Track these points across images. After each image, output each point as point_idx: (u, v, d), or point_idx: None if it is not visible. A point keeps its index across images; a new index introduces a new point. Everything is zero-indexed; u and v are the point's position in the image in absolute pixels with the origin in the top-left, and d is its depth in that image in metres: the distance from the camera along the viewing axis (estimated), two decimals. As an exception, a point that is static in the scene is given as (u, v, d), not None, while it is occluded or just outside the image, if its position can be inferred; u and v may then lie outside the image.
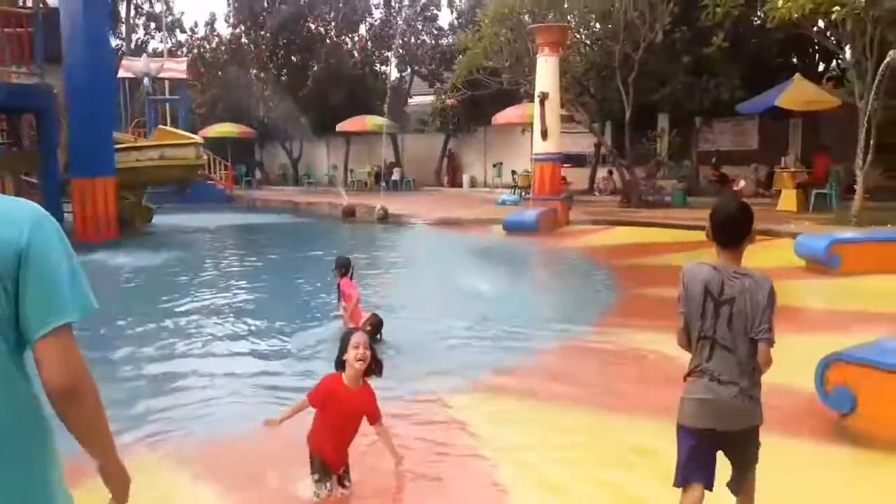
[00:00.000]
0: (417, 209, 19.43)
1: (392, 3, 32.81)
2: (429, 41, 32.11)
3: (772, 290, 2.77)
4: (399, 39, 30.65)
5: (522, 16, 19.94)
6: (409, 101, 33.70)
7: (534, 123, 17.01)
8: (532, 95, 17.49)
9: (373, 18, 33.18)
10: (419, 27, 32.18)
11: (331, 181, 31.86)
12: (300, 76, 31.34)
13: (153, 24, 40.26)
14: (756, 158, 21.87)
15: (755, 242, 2.89)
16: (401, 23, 31.42)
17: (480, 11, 22.71)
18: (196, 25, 46.42)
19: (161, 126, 23.15)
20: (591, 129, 21.56)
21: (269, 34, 31.92)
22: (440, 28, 32.54)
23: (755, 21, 18.94)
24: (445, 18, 47.31)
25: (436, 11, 32.43)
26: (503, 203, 20.66)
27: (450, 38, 30.41)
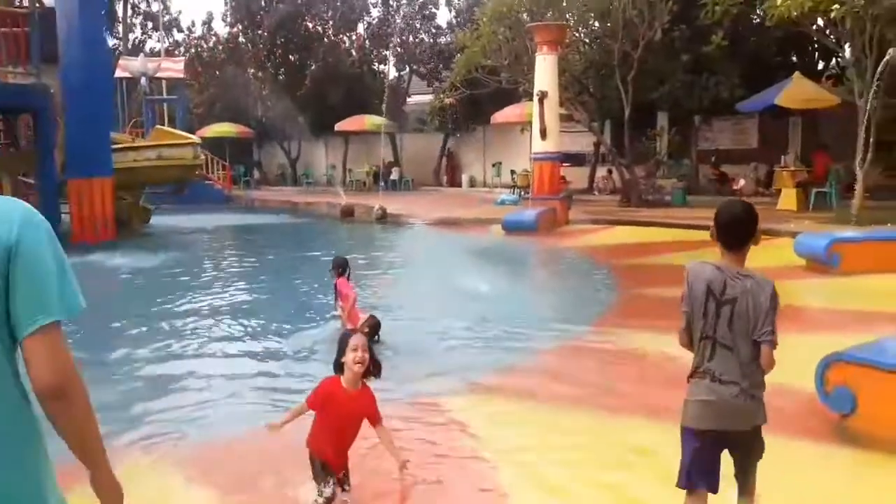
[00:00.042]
0: (416, 209, 19.40)
1: (390, 2, 32.78)
2: (427, 40, 32.05)
3: (774, 292, 2.77)
4: (397, 38, 30.66)
5: (521, 14, 19.91)
6: (408, 101, 33.66)
7: (533, 122, 16.97)
8: (531, 94, 17.47)
9: (371, 17, 33.21)
10: (417, 26, 32.14)
11: (329, 181, 31.77)
12: (298, 75, 31.31)
13: (150, 24, 40.22)
14: (756, 157, 21.83)
15: (759, 244, 2.87)
16: (399, 21, 31.41)
17: (479, 10, 22.72)
18: (193, 25, 46.71)
19: (158, 126, 23.10)
20: (591, 128, 21.52)
21: (267, 33, 31.88)
22: (438, 27, 32.52)
23: (754, 19, 18.90)
24: (444, 17, 47.51)
25: (434, 10, 32.42)
26: (502, 203, 20.64)
27: (448, 37, 30.33)
